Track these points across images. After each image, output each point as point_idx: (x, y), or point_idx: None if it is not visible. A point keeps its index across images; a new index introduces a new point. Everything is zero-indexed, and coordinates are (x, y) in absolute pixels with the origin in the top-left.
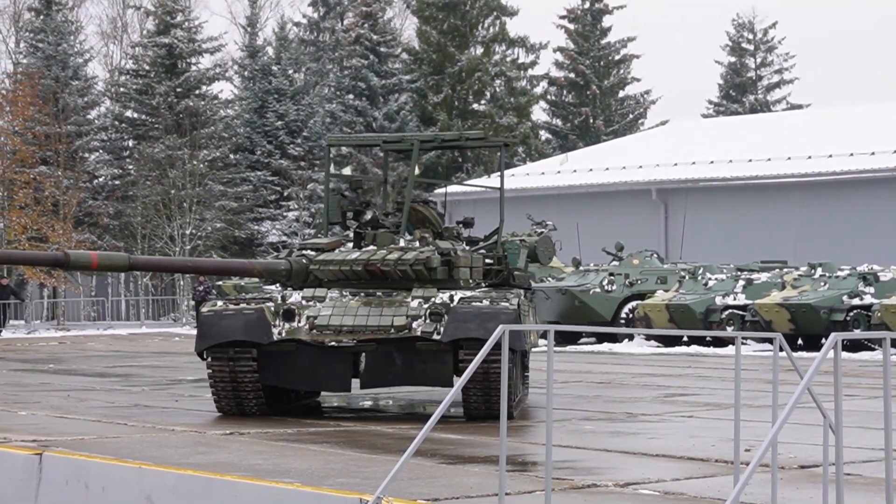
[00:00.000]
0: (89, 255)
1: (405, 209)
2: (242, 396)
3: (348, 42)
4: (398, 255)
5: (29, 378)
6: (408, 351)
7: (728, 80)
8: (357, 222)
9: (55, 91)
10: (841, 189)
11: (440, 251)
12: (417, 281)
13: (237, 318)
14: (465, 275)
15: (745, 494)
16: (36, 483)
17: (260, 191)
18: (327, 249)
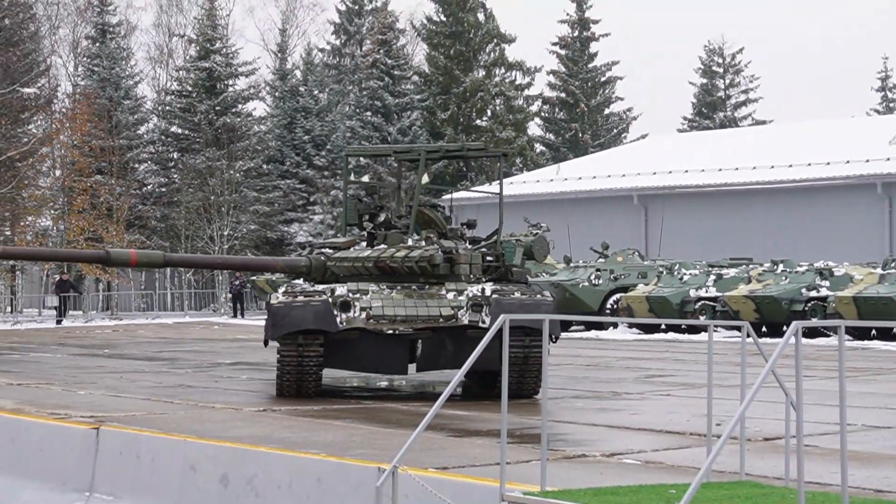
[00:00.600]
0: (128, 252)
1: (413, 212)
2: (304, 380)
3: (366, 66)
4: (405, 252)
5: (86, 362)
6: (459, 338)
7: (700, 99)
8: (372, 224)
9: (109, 109)
10: (800, 195)
11: (443, 250)
12: (422, 276)
13: (306, 309)
14: (464, 271)
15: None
16: (93, 454)
17: (289, 197)
18: (343, 248)
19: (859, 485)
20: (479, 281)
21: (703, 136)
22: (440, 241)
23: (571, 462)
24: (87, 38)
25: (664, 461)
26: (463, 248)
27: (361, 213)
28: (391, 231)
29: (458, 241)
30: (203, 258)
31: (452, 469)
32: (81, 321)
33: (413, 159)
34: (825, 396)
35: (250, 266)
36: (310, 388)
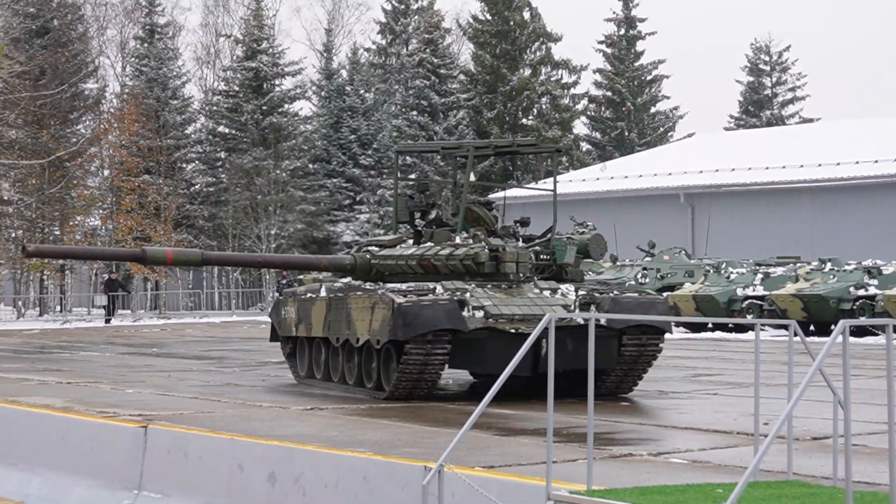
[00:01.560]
0: (164, 251)
1: (461, 210)
2: (424, 380)
3: (412, 65)
4: (450, 250)
5: (135, 360)
6: (579, 336)
7: (747, 97)
8: (423, 221)
9: (157, 109)
10: (848, 193)
11: (490, 248)
12: (467, 274)
13: (436, 308)
14: (510, 269)
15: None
16: (142, 452)
17: (335, 196)
18: (388, 246)
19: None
20: (529, 280)
21: (750, 135)
22: (488, 239)
23: (618, 461)
24: (134, 38)
25: (711, 460)
26: (511, 247)
27: (412, 210)
28: (439, 229)
29: (510, 239)
30: (243, 256)
31: (499, 468)
32: (130, 320)
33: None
34: (874, 396)
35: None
36: (425, 390)
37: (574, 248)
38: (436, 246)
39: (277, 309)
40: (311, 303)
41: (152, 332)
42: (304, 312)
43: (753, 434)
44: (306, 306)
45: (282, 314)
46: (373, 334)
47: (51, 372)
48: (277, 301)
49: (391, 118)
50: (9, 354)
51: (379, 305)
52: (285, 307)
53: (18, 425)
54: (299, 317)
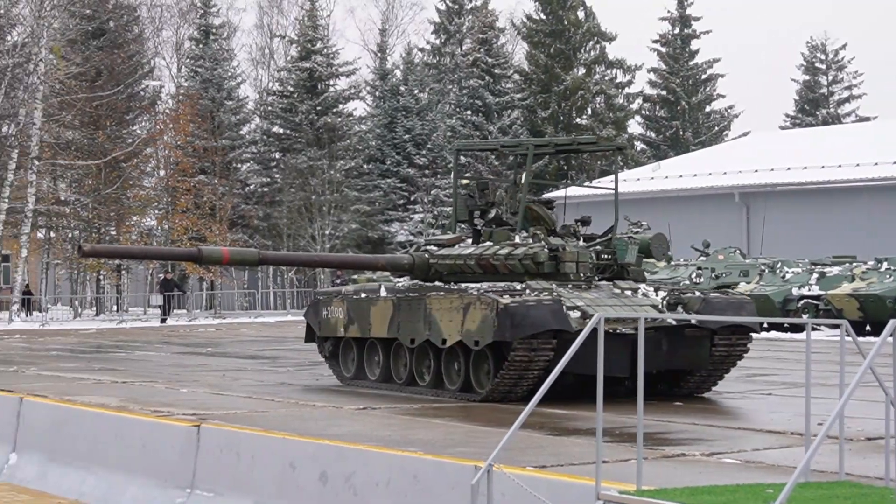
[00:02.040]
0: (220, 250)
1: (520, 209)
2: (525, 381)
3: (466, 65)
4: (508, 250)
5: (189, 360)
6: (675, 337)
7: (803, 96)
8: (483, 221)
9: (212, 110)
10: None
11: (549, 247)
12: (526, 274)
13: (541, 308)
14: (570, 269)
15: (817, 463)
16: (195, 451)
17: (389, 196)
18: (447, 245)
19: None
20: (589, 280)
21: (806, 134)
22: (548, 238)
23: (671, 461)
24: (189, 39)
25: (764, 461)
26: (572, 246)
27: (471, 209)
28: (498, 228)
29: (570, 238)
30: (300, 256)
31: (551, 468)
32: (185, 320)
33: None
34: None
35: (349, 263)
36: (524, 391)
37: (636, 247)
38: (494, 245)
39: (316, 309)
40: (370, 303)
41: (207, 331)
42: (359, 313)
43: (804, 434)
44: (361, 306)
45: (323, 314)
46: (468, 335)
47: (106, 371)
48: (316, 301)
49: (445, 118)
50: (65, 354)
51: (476, 306)
52: (328, 307)
53: (74, 424)
54: (350, 317)
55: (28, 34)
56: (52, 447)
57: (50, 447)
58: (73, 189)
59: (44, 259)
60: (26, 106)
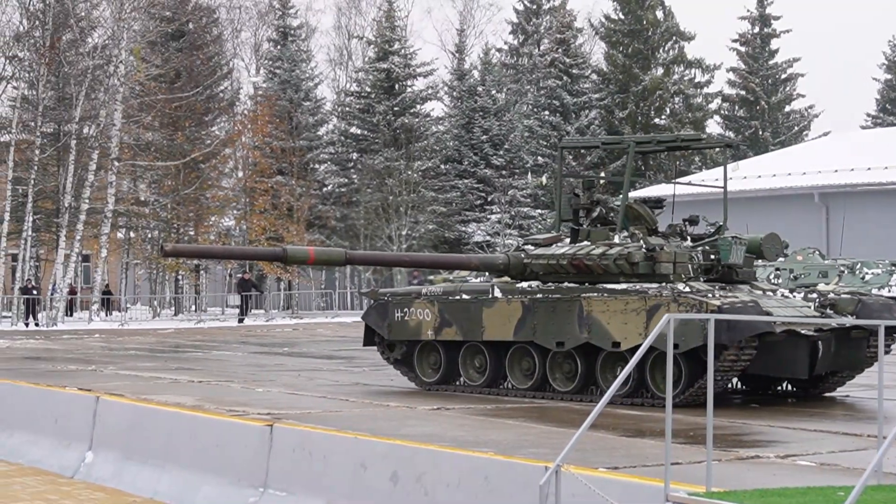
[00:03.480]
0: (307, 250)
1: (621, 208)
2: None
3: (544, 65)
4: (602, 250)
5: (266, 360)
6: (842, 339)
7: (884, 95)
8: (588, 219)
9: (289, 111)
10: None
11: (647, 247)
12: (622, 275)
13: (751, 310)
14: (667, 270)
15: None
16: (267, 450)
17: (467, 196)
18: (544, 244)
19: None
20: (692, 280)
21: (887, 133)
22: (647, 237)
23: (744, 463)
24: (268, 40)
25: (840, 463)
26: (673, 246)
27: (575, 208)
28: (599, 227)
29: (675, 238)
30: (388, 256)
31: (623, 469)
32: (262, 320)
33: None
34: None
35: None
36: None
37: (742, 247)
38: (591, 245)
39: (383, 311)
40: (481, 304)
41: (284, 331)
42: (461, 315)
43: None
44: (467, 308)
45: (395, 317)
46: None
47: (183, 371)
48: (382, 303)
49: (522, 118)
50: (143, 353)
51: (671, 308)
52: (404, 309)
53: (149, 423)
54: (444, 319)
55: (108, 36)
56: (128, 446)
57: (125, 446)
58: (153, 190)
59: (123, 259)
60: (106, 107)
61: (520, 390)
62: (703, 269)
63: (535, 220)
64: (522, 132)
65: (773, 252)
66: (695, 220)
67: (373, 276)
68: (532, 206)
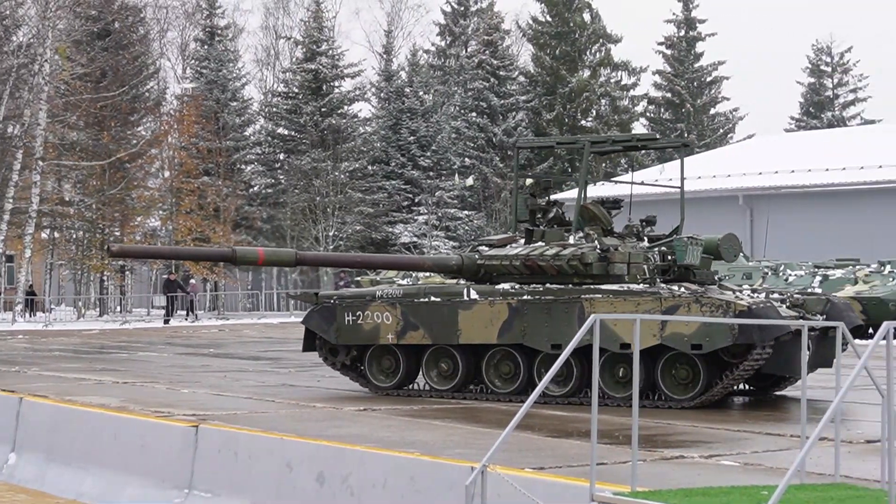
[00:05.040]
0: (256, 251)
1: (576, 208)
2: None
3: (472, 67)
4: (556, 250)
5: (192, 361)
6: (822, 337)
7: (808, 99)
8: (545, 220)
9: (216, 111)
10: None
11: (601, 248)
12: (576, 276)
13: (773, 310)
14: (621, 270)
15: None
16: (193, 451)
17: (394, 197)
18: (498, 246)
19: None
20: (648, 282)
21: (811, 136)
22: (602, 238)
23: (669, 463)
24: (195, 40)
25: (763, 463)
26: (629, 247)
27: (532, 209)
28: (554, 228)
29: (631, 238)
30: (339, 256)
31: (549, 469)
32: (188, 321)
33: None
34: None
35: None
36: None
37: (699, 248)
38: (545, 246)
39: (329, 315)
40: (456, 307)
41: (210, 332)
42: (430, 317)
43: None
44: (439, 311)
45: (345, 320)
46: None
47: (108, 372)
48: (327, 307)
49: (450, 120)
50: (68, 354)
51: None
52: (358, 312)
53: (73, 424)
54: (409, 322)
55: (33, 35)
56: (51, 447)
57: (49, 447)
58: (78, 190)
59: (48, 260)
60: (31, 107)
61: (499, 394)
62: (659, 270)
63: (463, 222)
64: (450, 133)
65: (731, 253)
66: (652, 220)
67: (299, 277)
68: (459, 207)
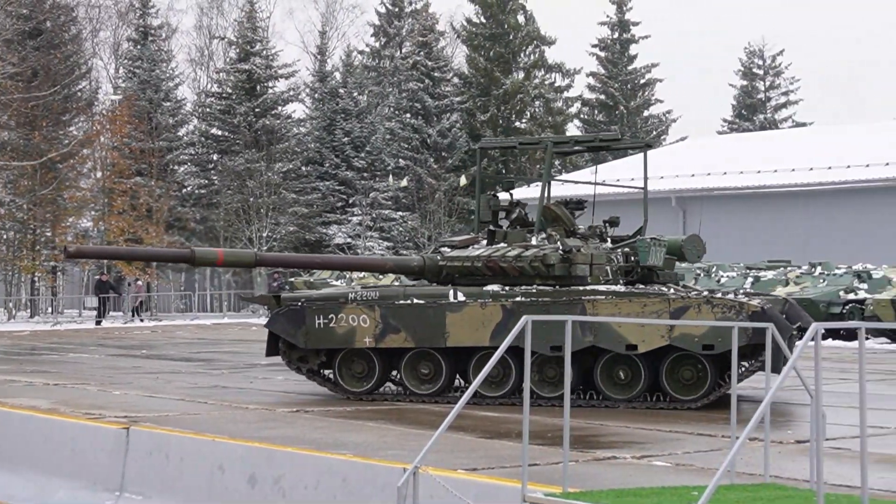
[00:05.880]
0: (216, 252)
1: (538, 209)
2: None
3: (406, 68)
4: (518, 252)
5: (123, 362)
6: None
7: (740, 101)
8: (508, 221)
9: (149, 111)
10: (839, 197)
11: (563, 249)
12: (538, 277)
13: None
14: (583, 272)
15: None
16: (124, 453)
17: (328, 198)
18: (460, 247)
19: (890, 487)
20: (611, 283)
21: (743, 139)
22: (564, 239)
23: (601, 464)
24: (128, 40)
25: (694, 463)
26: (591, 248)
27: (495, 209)
28: (518, 229)
29: (594, 239)
30: (298, 257)
31: (481, 470)
32: (120, 322)
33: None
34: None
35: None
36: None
37: (662, 249)
38: (507, 247)
39: (296, 318)
40: (443, 309)
41: (142, 333)
42: (414, 320)
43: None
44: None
45: (316, 324)
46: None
47: (39, 373)
48: (295, 310)
49: (384, 121)
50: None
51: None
52: (330, 315)
53: (3, 427)
54: (389, 325)
55: None
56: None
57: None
58: (9, 190)
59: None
60: None
61: (488, 398)
62: (622, 272)
63: (397, 223)
64: (384, 134)
65: (695, 254)
66: (615, 221)
67: (233, 277)
68: (393, 208)
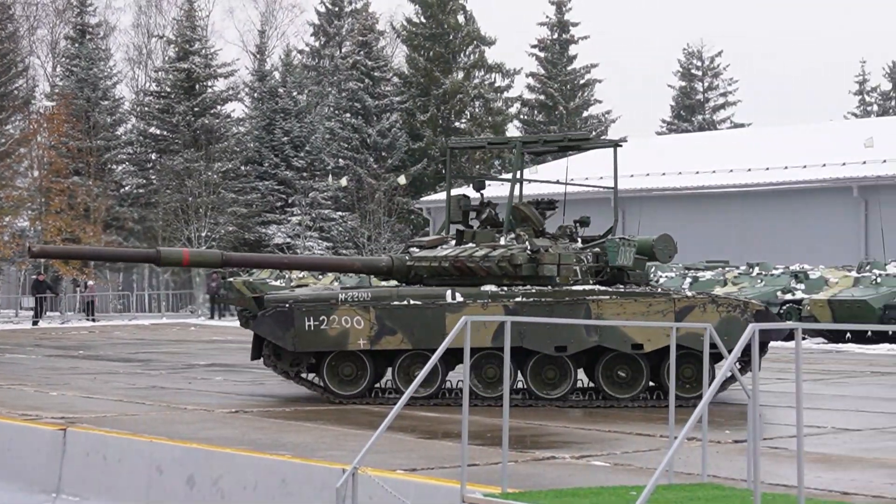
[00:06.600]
0: (181, 251)
1: (507, 209)
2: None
3: (346, 67)
4: (485, 252)
5: (61, 363)
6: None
7: (679, 102)
8: (478, 221)
9: (87, 110)
10: (776, 197)
11: (531, 248)
12: (505, 277)
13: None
14: (551, 272)
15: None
16: (60, 455)
17: (267, 198)
18: (429, 247)
19: (826, 486)
20: (581, 283)
21: (681, 139)
22: (532, 239)
23: (540, 464)
24: (65, 38)
25: (633, 463)
26: (560, 248)
27: (465, 210)
28: (487, 229)
29: (564, 239)
30: (266, 257)
31: (420, 470)
32: (57, 322)
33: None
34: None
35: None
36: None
37: (631, 249)
38: (475, 247)
39: (285, 320)
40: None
41: (80, 334)
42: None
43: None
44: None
45: (306, 326)
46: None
47: None
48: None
49: (324, 120)
50: None
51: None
52: (322, 316)
53: None
54: (385, 326)
55: None
56: None
57: None
58: None
59: None
60: None
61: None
62: (592, 272)
63: (336, 223)
64: (324, 134)
65: (666, 254)
66: (585, 221)
67: (172, 277)
68: (333, 208)
